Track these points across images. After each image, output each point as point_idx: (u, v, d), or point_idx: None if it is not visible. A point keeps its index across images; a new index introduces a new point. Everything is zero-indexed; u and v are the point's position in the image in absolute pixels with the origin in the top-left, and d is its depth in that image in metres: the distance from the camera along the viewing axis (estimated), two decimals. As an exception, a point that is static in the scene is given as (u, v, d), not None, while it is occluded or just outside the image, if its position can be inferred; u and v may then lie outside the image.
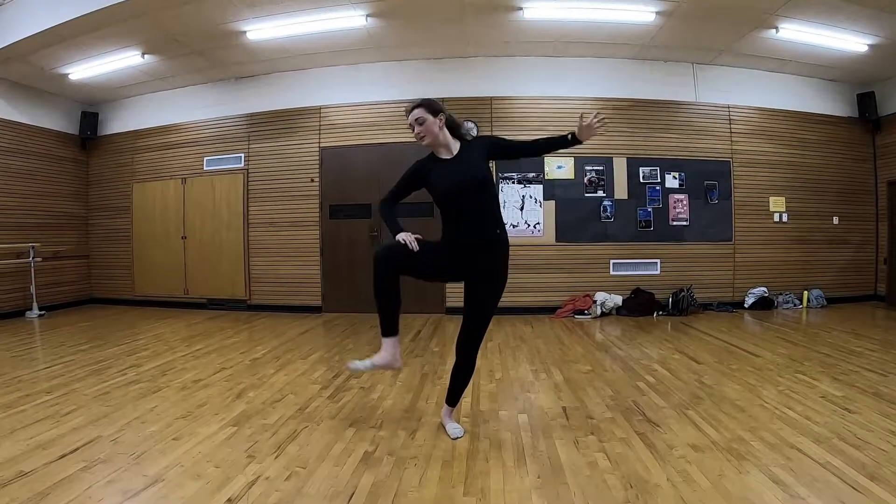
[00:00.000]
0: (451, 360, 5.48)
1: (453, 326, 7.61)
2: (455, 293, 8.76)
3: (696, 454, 3.15)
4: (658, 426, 3.64)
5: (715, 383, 4.70)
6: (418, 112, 3.36)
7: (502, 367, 5.39)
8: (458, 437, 3.48)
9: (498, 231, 3.39)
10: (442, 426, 3.65)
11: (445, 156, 3.44)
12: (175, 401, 4.25)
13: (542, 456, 3.17)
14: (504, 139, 3.59)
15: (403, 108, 3.49)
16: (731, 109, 9.28)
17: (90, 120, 10.23)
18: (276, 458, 3.13)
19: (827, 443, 3.27)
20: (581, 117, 3.42)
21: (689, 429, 3.58)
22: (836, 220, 9.62)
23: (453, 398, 3.66)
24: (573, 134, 3.41)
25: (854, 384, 4.56)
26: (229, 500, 2.60)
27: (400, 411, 4.04)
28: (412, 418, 3.87)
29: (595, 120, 3.36)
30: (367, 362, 3.37)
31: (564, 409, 4.06)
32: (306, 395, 4.45)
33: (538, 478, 2.88)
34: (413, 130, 3.40)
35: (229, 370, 5.28)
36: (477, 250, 3.34)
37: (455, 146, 3.45)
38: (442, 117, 3.38)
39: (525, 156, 3.66)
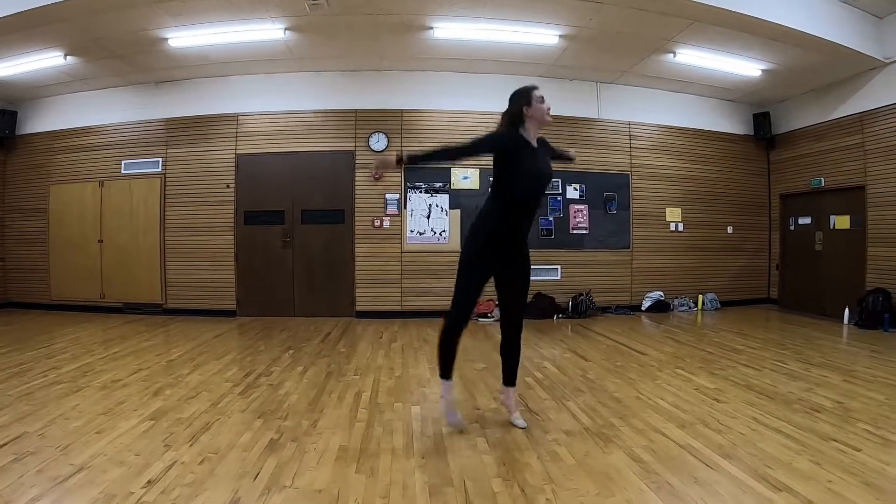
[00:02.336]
0: (356, 361, 6.01)
1: (361, 329, 8.04)
2: (365, 298, 9.14)
3: (568, 438, 3.60)
4: (538, 415, 4.09)
5: (598, 378, 5.18)
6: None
7: (403, 366, 5.76)
8: (524, 427, 3.79)
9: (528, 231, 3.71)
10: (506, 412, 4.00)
11: (532, 143, 3.58)
12: (96, 399, 4.45)
13: (428, 440, 3.59)
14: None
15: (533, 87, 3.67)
16: (631, 126, 9.92)
17: (8, 119, 9.91)
18: (190, 446, 3.43)
19: (690, 428, 3.76)
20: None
21: (566, 417, 4.05)
22: (730, 230, 10.45)
23: (511, 378, 3.93)
24: None
25: (728, 378, 5.12)
26: (149, 481, 2.90)
27: (305, 404, 4.38)
28: (315, 410, 4.22)
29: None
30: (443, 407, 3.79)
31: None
32: (219, 391, 4.72)
33: (422, 458, 3.28)
34: (549, 113, 3.60)
35: (146, 371, 5.46)
36: (517, 244, 3.61)
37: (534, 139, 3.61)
38: None
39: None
